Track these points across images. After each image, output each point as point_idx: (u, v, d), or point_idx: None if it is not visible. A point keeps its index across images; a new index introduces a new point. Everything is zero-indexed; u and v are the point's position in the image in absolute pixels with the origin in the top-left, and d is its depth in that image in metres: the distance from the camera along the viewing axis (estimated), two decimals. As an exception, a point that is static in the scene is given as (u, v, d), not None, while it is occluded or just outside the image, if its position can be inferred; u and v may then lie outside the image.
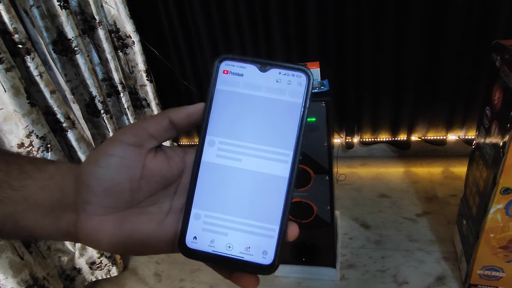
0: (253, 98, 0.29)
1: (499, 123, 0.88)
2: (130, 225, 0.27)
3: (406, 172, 1.71)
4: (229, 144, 0.29)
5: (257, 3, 1.42)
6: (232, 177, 0.28)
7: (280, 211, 0.28)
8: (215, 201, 0.28)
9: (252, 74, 0.29)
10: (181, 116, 0.29)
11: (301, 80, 0.28)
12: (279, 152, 0.28)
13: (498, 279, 1.09)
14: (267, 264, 0.28)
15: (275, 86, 0.28)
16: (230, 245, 0.28)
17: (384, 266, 1.30)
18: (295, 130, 0.28)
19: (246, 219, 0.28)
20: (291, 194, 0.28)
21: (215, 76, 0.29)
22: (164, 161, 0.29)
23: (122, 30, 1.45)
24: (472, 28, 1.33)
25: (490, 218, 0.96)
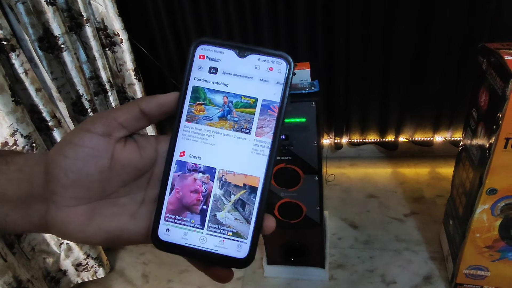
0: (229, 86, 0.27)
1: (485, 125, 0.90)
2: (101, 216, 0.27)
3: (394, 173, 1.73)
4: (204, 134, 0.28)
5: (246, 2, 1.42)
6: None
7: (256, 204, 0.27)
8: None
9: (230, 60, 0.27)
10: (152, 106, 0.27)
11: (281, 67, 0.27)
12: (256, 143, 0.27)
13: (483, 278, 1.11)
14: (241, 257, 0.27)
15: (254, 73, 0.27)
16: (203, 238, 0.27)
17: (372, 266, 1.31)
18: (274, 120, 0.27)
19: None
20: (267, 188, 0.27)
21: (191, 61, 0.28)
22: (135, 151, 0.28)
23: (110, 28, 1.43)
24: (459, 31, 1.35)
25: (476, 218, 0.98)
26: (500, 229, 0.98)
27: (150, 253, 1.48)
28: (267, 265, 1.30)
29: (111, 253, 1.48)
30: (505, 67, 0.78)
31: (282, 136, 0.93)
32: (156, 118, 0.28)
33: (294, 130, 0.92)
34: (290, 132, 0.93)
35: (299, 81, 0.90)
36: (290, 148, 0.96)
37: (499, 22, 1.29)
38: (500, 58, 0.81)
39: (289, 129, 0.92)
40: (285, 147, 0.95)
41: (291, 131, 0.93)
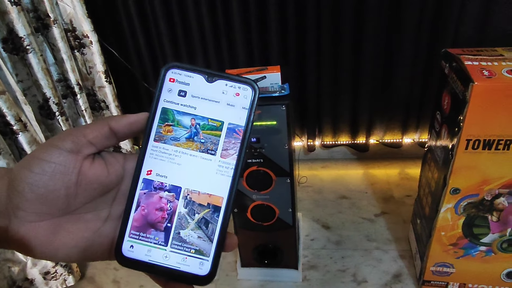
0: (197, 109, 0.29)
1: (448, 127, 0.94)
2: (65, 232, 0.27)
3: (365, 174, 1.77)
4: (171, 154, 0.28)
5: (219, 5, 1.42)
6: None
7: (218, 223, 0.28)
8: None
9: (199, 84, 0.29)
10: (122, 125, 0.28)
11: (247, 93, 0.28)
12: (221, 165, 0.28)
13: (449, 275, 1.15)
14: (203, 275, 0.28)
15: (221, 97, 0.28)
16: (167, 255, 0.28)
17: (344, 265, 1.34)
18: (239, 143, 0.28)
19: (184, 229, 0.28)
20: (230, 207, 0.28)
21: (161, 83, 0.29)
22: (102, 167, 0.28)
23: (79, 29, 1.40)
24: (424, 38, 1.40)
25: (441, 217, 1.01)
26: (463, 227, 1.02)
27: (122, 259, 1.45)
28: (241, 268, 1.30)
29: (81, 260, 1.44)
30: (465, 71, 0.81)
31: (253, 139, 0.95)
32: (125, 136, 0.29)
33: (265, 133, 0.93)
34: (261, 135, 0.93)
35: (269, 85, 0.91)
36: (261, 151, 0.96)
37: (461, 29, 1.34)
38: (460, 63, 0.85)
39: (260, 132, 0.93)
40: (256, 150, 0.96)
41: (262, 134, 0.93)
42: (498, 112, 0.81)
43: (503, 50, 0.91)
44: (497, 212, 0.96)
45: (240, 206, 1.10)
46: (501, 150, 0.85)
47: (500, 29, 1.32)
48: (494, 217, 0.97)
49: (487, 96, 0.79)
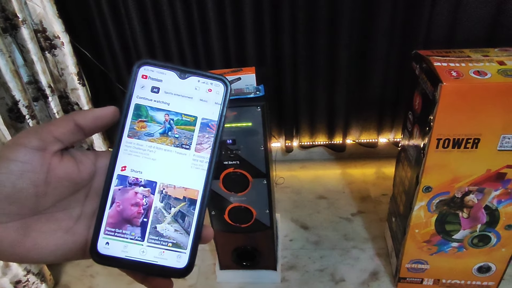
0: (171, 105, 0.29)
1: (419, 127, 0.96)
2: (36, 233, 0.26)
3: (343, 174, 1.79)
4: (145, 150, 0.29)
5: (194, 7, 1.41)
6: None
7: (195, 216, 0.28)
8: None
9: (171, 80, 0.29)
10: (87, 120, 0.28)
11: (219, 89, 0.29)
12: (195, 158, 0.29)
13: (423, 271, 1.18)
14: (181, 267, 0.28)
15: (193, 93, 0.29)
16: (144, 250, 0.28)
17: (322, 265, 1.35)
18: (212, 137, 0.29)
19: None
20: (206, 200, 0.29)
21: (134, 80, 0.29)
22: (72, 164, 0.28)
23: (50, 30, 1.36)
24: (396, 40, 1.43)
25: (415, 215, 1.04)
26: (436, 224, 1.05)
27: (97, 265, 1.41)
28: (220, 271, 1.29)
29: (55, 267, 1.40)
30: (434, 72, 0.84)
31: (229, 141, 0.94)
32: (92, 131, 0.28)
33: (241, 134, 0.92)
34: (237, 137, 0.93)
35: (244, 86, 0.91)
36: (237, 152, 0.96)
37: (431, 31, 1.38)
38: (430, 64, 0.87)
39: (236, 134, 0.92)
40: (232, 151, 0.96)
41: (238, 136, 0.93)
42: (466, 112, 0.83)
43: (470, 52, 0.93)
44: (467, 209, 0.99)
45: (217, 208, 1.10)
46: (470, 149, 0.87)
47: (468, 31, 1.37)
48: (464, 213, 1.00)
49: (455, 96, 0.81)
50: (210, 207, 1.10)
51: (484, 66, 0.84)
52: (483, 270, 1.12)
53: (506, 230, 1.01)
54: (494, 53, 0.92)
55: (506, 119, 0.83)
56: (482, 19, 1.35)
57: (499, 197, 0.95)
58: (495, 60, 0.86)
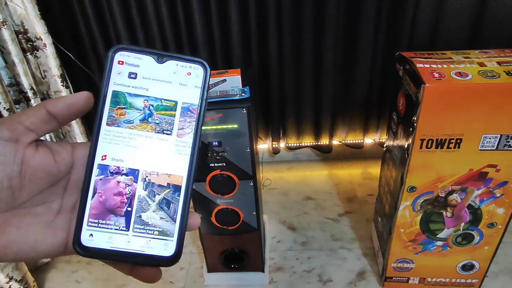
0: (149, 91, 0.28)
1: (403, 127, 0.97)
2: (14, 228, 0.25)
3: (329, 175, 1.80)
4: (125, 137, 0.28)
5: (180, 10, 1.40)
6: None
7: (180, 202, 0.28)
8: None
9: (149, 65, 0.28)
10: (59, 107, 0.27)
11: (199, 72, 0.29)
12: (178, 144, 0.28)
13: (409, 270, 1.19)
14: (168, 256, 0.28)
15: (173, 78, 0.28)
16: (129, 240, 0.27)
17: (310, 266, 1.35)
18: (194, 121, 0.28)
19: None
20: (190, 185, 0.28)
21: (110, 66, 0.28)
22: (48, 156, 0.27)
23: (31, 32, 1.34)
24: (381, 41, 1.45)
25: (400, 214, 1.05)
26: (421, 224, 1.06)
27: (83, 269, 1.39)
28: (208, 273, 1.29)
29: (38, 273, 1.37)
30: (417, 74, 0.85)
31: (215, 143, 0.94)
32: (66, 119, 0.28)
33: (227, 136, 0.92)
34: (223, 139, 0.93)
35: (230, 88, 0.91)
36: (223, 154, 0.96)
37: (415, 33, 1.40)
38: (413, 66, 0.88)
39: (221, 136, 0.92)
40: (218, 153, 0.95)
41: (224, 138, 0.93)
42: (448, 112, 0.84)
43: (452, 53, 0.95)
44: (451, 208, 1.01)
45: (204, 211, 1.09)
46: (452, 149, 0.89)
47: (449, 34, 1.39)
48: (448, 212, 1.02)
49: (437, 97, 0.83)
50: (197, 209, 1.09)
51: (465, 68, 0.85)
52: (467, 268, 1.14)
53: (488, 228, 1.03)
54: (474, 55, 0.93)
55: (487, 120, 0.84)
56: (463, 22, 1.38)
57: (481, 196, 0.97)
58: (475, 61, 0.88)
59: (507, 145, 0.87)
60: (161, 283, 1.32)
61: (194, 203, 1.07)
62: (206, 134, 0.92)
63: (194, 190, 1.04)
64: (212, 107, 0.88)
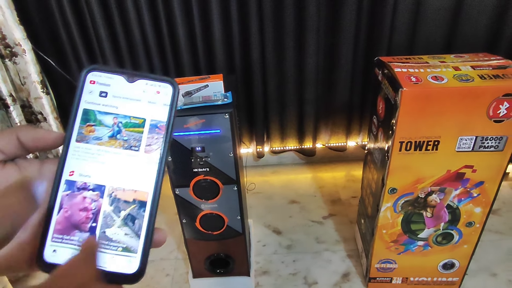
0: (119, 108, 0.29)
1: (383, 130, 0.99)
2: None
3: (313, 178, 1.82)
4: (93, 154, 0.28)
5: (162, 15, 1.40)
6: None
7: (145, 218, 0.28)
8: None
9: (119, 85, 0.29)
10: (28, 138, 0.27)
11: (167, 90, 0.29)
12: (145, 160, 0.29)
13: (392, 271, 1.21)
14: (132, 273, 0.27)
15: (142, 96, 0.29)
16: None
17: (295, 269, 1.36)
18: (161, 137, 0.29)
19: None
20: (156, 202, 0.28)
21: (82, 86, 0.29)
22: (15, 172, 0.27)
23: (10, 37, 1.32)
24: (361, 47, 1.48)
25: (382, 216, 1.07)
26: (402, 224, 1.08)
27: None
28: (193, 279, 1.28)
29: (19, 284, 1.34)
30: (395, 78, 0.87)
31: (198, 148, 0.94)
32: (33, 149, 0.28)
33: (210, 141, 0.93)
34: (206, 144, 0.93)
35: (212, 93, 0.91)
36: (207, 159, 0.96)
37: (393, 39, 1.44)
38: (391, 70, 0.91)
39: (204, 141, 0.92)
40: (202, 159, 0.96)
41: (207, 143, 0.93)
42: (425, 115, 0.87)
43: (428, 58, 0.98)
44: (431, 208, 1.03)
45: (188, 216, 1.09)
46: (430, 151, 0.91)
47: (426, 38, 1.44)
48: (428, 213, 1.04)
49: (414, 100, 0.85)
50: (181, 215, 1.09)
51: (441, 72, 0.88)
52: (447, 266, 1.17)
53: (467, 227, 1.06)
54: (450, 59, 0.97)
55: (462, 122, 0.87)
56: (439, 27, 1.42)
57: (459, 196, 1.00)
58: (451, 65, 0.91)
59: (482, 146, 0.90)
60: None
61: (178, 208, 1.07)
62: (190, 139, 0.92)
63: (178, 195, 1.04)
64: (195, 112, 0.88)
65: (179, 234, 1.51)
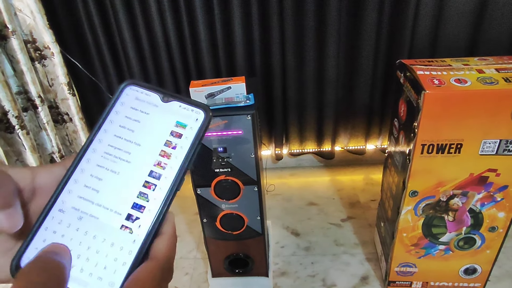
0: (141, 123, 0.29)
1: (405, 133, 0.99)
2: None
3: (332, 181, 1.82)
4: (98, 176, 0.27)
5: (184, 16, 1.43)
6: (88, 220, 0.26)
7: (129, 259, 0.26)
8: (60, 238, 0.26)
9: (153, 102, 0.29)
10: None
11: (199, 116, 0.29)
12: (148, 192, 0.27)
13: (412, 274, 1.20)
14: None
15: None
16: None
17: (313, 271, 1.36)
18: (178, 164, 0.28)
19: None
20: (151, 236, 0.26)
21: (117, 97, 0.29)
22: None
23: (40, 41, 1.37)
24: (382, 49, 1.48)
25: (402, 219, 1.06)
26: (423, 228, 1.07)
27: None
28: (212, 278, 1.30)
29: None
30: (418, 80, 0.87)
31: (220, 149, 0.96)
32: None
33: (232, 142, 0.94)
34: (228, 145, 0.95)
35: (234, 95, 0.93)
36: (228, 160, 0.98)
37: (414, 43, 1.43)
38: (413, 73, 0.91)
39: (226, 142, 0.94)
40: (224, 159, 0.97)
41: (229, 144, 0.95)
42: (448, 118, 0.86)
43: (451, 61, 0.97)
44: (453, 212, 1.02)
45: (209, 216, 1.11)
46: (453, 154, 0.91)
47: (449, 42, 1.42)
48: (450, 217, 1.03)
49: (437, 103, 0.85)
50: (202, 214, 1.11)
51: (464, 75, 0.87)
52: (469, 272, 1.15)
53: (489, 232, 1.04)
54: (473, 62, 0.96)
55: (486, 125, 0.86)
56: (462, 31, 1.41)
57: (482, 200, 0.98)
58: (474, 68, 0.90)
59: (506, 150, 0.89)
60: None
61: (199, 208, 1.09)
62: (212, 140, 0.94)
63: (200, 195, 1.06)
64: (217, 113, 0.90)
65: (198, 234, 1.54)
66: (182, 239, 1.53)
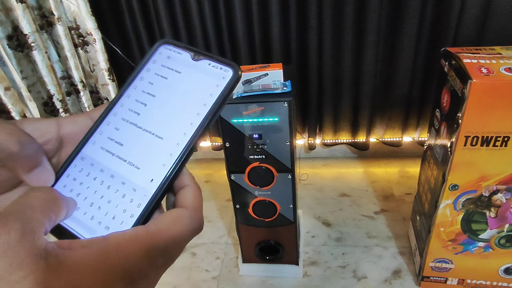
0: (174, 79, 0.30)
1: (447, 124, 0.95)
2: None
3: (365, 172, 1.78)
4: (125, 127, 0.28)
5: (221, 4, 1.44)
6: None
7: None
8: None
9: (184, 61, 0.30)
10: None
11: (227, 74, 0.29)
12: (170, 142, 0.27)
13: (447, 271, 1.17)
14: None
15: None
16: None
17: (344, 262, 1.35)
18: (199, 121, 0.28)
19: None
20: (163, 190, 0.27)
21: (151, 55, 0.30)
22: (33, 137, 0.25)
23: (83, 27, 1.42)
24: (424, 38, 1.42)
25: (440, 213, 1.03)
26: (462, 223, 1.04)
27: None
28: (242, 264, 1.32)
29: None
30: (464, 69, 0.83)
31: (256, 135, 0.96)
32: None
33: (267, 129, 0.94)
34: (263, 132, 0.95)
35: (271, 82, 0.93)
36: (263, 147, 0.98)
37: (460, 29, 1.36)
38: (459, 61, 0.86)
39: (262, 129, 0.94)
40: (258, 146, 0.98)
41: (264, 131, 0.95)
42: (496, 109, 0.82)
43: (501, 49, 0.92)
44: (495, 208, 0.98)
45: (242, 202, 1.12)
46: (499, 147, 0.86)
47: (498, 29, 1.34)
48: (492, 213, 0.99)
49: (485, 93, 0.80)
50: (235, 200, 1.12)
51: (516, 63, 0.82)
52: (510, 271, 1.10)
53: (535, 231, 0.99)
54: (526, 50, 0.90)
55: (538, 117, 0.81)
56: None
57: (528, 197, 0.94)
58: (527, 57, 0.85)
59: (559, 145, 0.84)
60: (197, 271, 1.36)
61: (232, 194, 1.10)
62: (248, 126, 0.95)
63: (233, 181, 1.07)
64: (254, 100, 0.90)
65: (229, 220, 1.56)
66: (213, 225, 1.56)
